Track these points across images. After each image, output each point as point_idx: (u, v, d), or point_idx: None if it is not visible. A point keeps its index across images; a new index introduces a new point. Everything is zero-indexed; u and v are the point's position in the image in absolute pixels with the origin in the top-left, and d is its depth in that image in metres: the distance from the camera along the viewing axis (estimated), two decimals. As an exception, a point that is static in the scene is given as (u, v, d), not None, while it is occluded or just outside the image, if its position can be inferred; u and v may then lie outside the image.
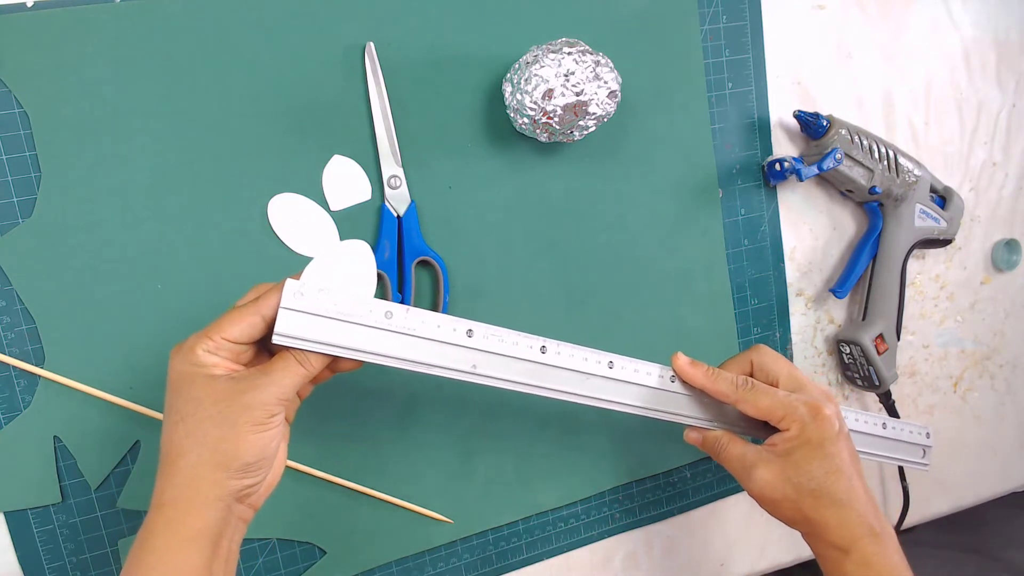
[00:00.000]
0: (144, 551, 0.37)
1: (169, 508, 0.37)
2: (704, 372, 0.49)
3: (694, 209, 0.61)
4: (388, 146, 0.52)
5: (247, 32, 0.49)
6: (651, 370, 0.49)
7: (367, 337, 0.41)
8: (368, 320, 0.40)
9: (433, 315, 0.42)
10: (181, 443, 0.38)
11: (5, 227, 0.46)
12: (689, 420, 0.50)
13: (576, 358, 0.46)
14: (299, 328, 0.39)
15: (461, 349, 0.43)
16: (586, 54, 0.50)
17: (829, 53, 0.65)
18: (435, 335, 0.42)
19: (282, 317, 0.39)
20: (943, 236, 0.66)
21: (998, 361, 0.76)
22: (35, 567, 0.49)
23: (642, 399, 0.49)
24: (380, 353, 0.41)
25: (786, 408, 0.48)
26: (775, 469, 0.47)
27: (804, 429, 0.47)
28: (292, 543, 0.54)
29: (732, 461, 0.49)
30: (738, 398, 0.48)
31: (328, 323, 0.40)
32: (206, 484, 0.37)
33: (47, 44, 0.45)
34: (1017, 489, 0.80)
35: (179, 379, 0.38)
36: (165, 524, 0.37)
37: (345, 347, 0.40)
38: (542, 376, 0.45)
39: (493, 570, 0.59)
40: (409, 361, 0.42)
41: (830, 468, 0.47)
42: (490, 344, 0.44)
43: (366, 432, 0.54)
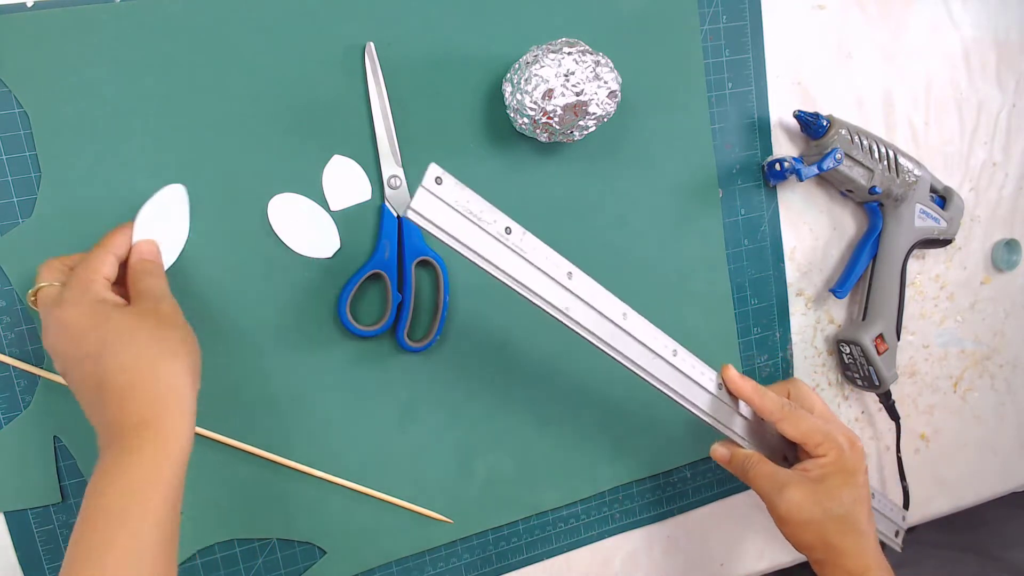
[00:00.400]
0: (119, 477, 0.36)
1: (153, 428, 0.37)
2: (753, 386, 0.51)
3: (694, 209, 0.61)
4: (388, 146, 0.52)
5: (247, 32, 0.49)
6: (706, 371, 0.51)
7: (486, 244, 0.41)
8: (491, 228, 0.41)
9: (543, 246, 0.43)
10: (138, 364, 0.38)
11: (5, 227, 0.46)
12: (727, 431, 0.52)
13: (647, 335, 0.48)
14: (432, 212, 0.40)
15: (561, 288, 0.44)
16: (586, 54, 0.50)
17: (829, 53, 0.65)
18: (542, 265, 0.43)
19: (420, 196, 0.39)
20: (943, 236, 0.67)
21: (998, 361, 0.76)
22: (35, 567, 0.49)
23: (696, 397, 0.50)
24: (495, 263, 0.42)
25: (825, 434, 0.50)
26: (807, 491, 0.49)
27: (841, 456, 0.49)
28: (292, 543, 0.54)
29: (762, 479, 0.50)
30: (782, 416, 0.50)
31: (458, 218, 0.40)
32: (190, 392, 0.39)
33: (47, 44, 0.45)
34: (1017, 489, 0.80)
35: (92, 317, 0.39)
36: (153, 444, 0.36)
37: (467, 246, 0.41)
38: (619, 341, 0.46)
39: (493, 570, 0.59)
40: (517, 281, 0.43)
41: (858, 497, 0.49)
42: (584, 292, 0.45)
43: (366, 432, 0.54)
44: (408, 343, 0.53)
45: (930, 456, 0.74)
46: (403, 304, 0.53)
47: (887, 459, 0.72)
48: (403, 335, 0.53)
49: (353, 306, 0.53)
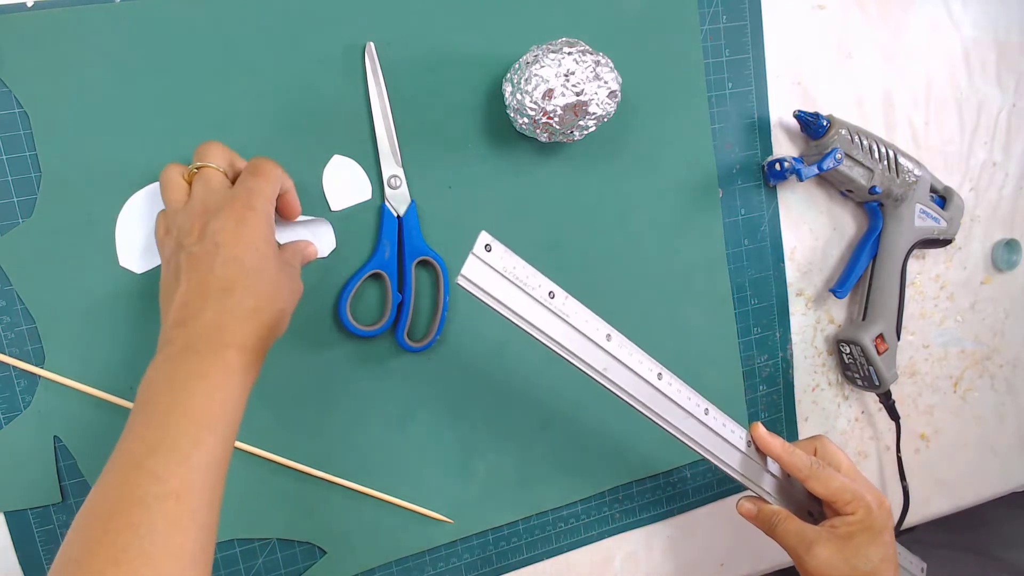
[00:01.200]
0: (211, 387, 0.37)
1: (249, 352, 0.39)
2: (781, 444, 0.52)
3: (694, 209, 0.61)
4: (388, 146, 0.52)
5: (247, 32, 0.49)
6: (736, 429, 0.52)
7: (531, 309, 0.43)
8: (536, 293, 0.43)
9: (583, 309, 0.44)
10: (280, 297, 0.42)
11: (5, 227, 0.46)
12: (757, 488, 0.53)
13: (682, 394, 0.49)
14: (481, 278, 0.41)
15: (599, 350, 0.45)
16: (586, 54, 0.50)
17: (829, 53, 0.65)
18: (582, 328, 0.44)
19: (471, 263, 0.41)
20: (943, 236, 0.67)
21: (998, 361, 0.76)
22: (35, 567, 0.49)
23: (727, 455, 0.51)
24: (540, 328, 0.43)
25: (854, 493, 0.50)
26: (835, 549, 0.50)
27: (870, 515, 0.50)
28: (292, 543, 0.54)
29: (790, 535, 0.51)
30: (810, 474, 0.51)
31: (504, 283, 0.42)
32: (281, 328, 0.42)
33: (47, 44, 0.45)
34: (1017, 489, 0.80)
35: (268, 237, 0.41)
36: (243, 365, 0.39)
37: (514, 311, 0.42)
38: (655, 401, 0.48)
39: (493, 570, 0.59)
40: (560, 344, 0.44)
41: (885, 556, 0.50)
42: (622, 353, 0.46)
43: (366, 432, 0.54)
44: (408, 343, 0.53)
45: (930, 456, 0.74)
46: (403, 304, 0.53)
47: (887, 459, 0.72)
48: (403, 335, 0.53)
49: (353, 306, 0.53)
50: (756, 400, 0.66)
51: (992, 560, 0.80)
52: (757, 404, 0.66)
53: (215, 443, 0.36)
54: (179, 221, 0.42)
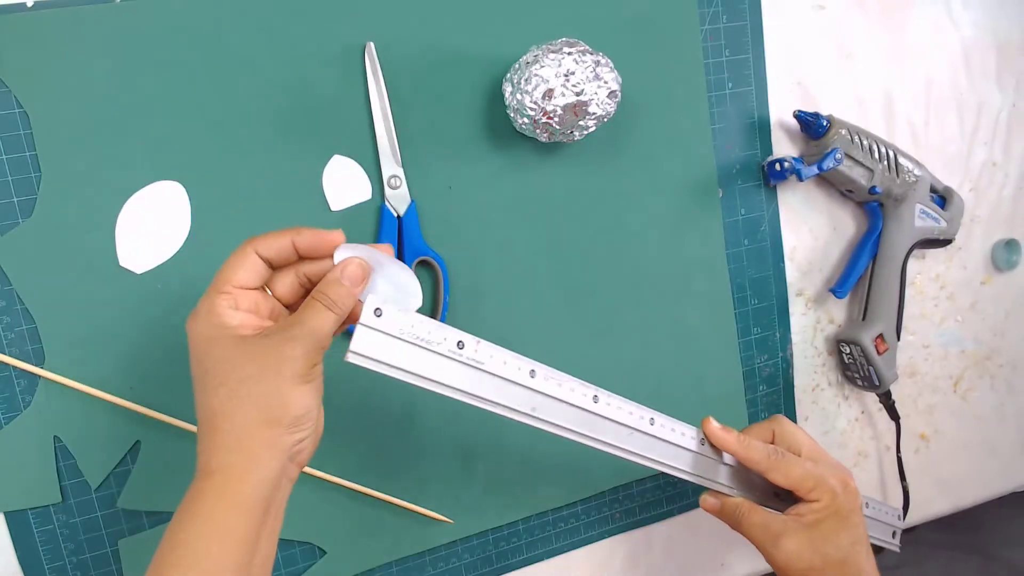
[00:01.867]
0: (190, 519, 0.36)
1: (219, 475, 0.36)
2: (736, 438, 0.50)
3: (694, 209, 0.61)
4: (388, 146, 0.52)
5: (247, 32, 0.49)
6: (686, 431, 0.50)
7: (437, 365, 0.40)
8: (440, 348, 0.39)
9: (500, 351, 0.42)
10: (224, 406, 0.36)
11: (5, 227, 0.46)
12: (714, 485, 0.51)
13: (623, 411, 0.46)
14: (374, 348, 0.38)
15: (524, 390, 0.42)
16: (586, 54, 0.50)
17: (829, 53, 0.65)
18: (501, 372, 0.41)
19: (359, 335, 0.38)
20: (943, 236, 0.66)
21: (998, 361, 0.76)
22: (35, 567, 0.49)
23: (677, 459, 0.49)
24: (449, 384, 0.40)
25: (817, 479, 0.49)
26: (803, 539, 0.48)
27: (834, 500, 0.49)
28: (292, 543, 0.54)
29: (755, 528, 0.50)
30: (769, 466, 0.49)
31: (402, 346, 0.39)
32: (258, 444, 0.36)
33: (47, 44, 0.45)
34: (1017, 489, 0.80)
35: (206, 343, 0.37)
36: (215, 491, 0.36)
37: (416, 373, 0.39)
38: (593, 426, 0.45)
39: (493, 570, 0.59)
40: (475, 396, 0.41)
41: (855, 538, 0.49)
42: (549, 387, 0.43)
43: (366, 432, 0.54)
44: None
45: (930, 456, 0.74)
46: (403, 304, 0.53)
47: (887, 459, 0.72)
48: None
49: (353, 306, 0.53)
50: (756, 400, 0.66)
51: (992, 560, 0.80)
52: (757, 404, 0.66)
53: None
54: None
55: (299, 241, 0.39)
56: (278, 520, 0.38)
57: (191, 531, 0.35)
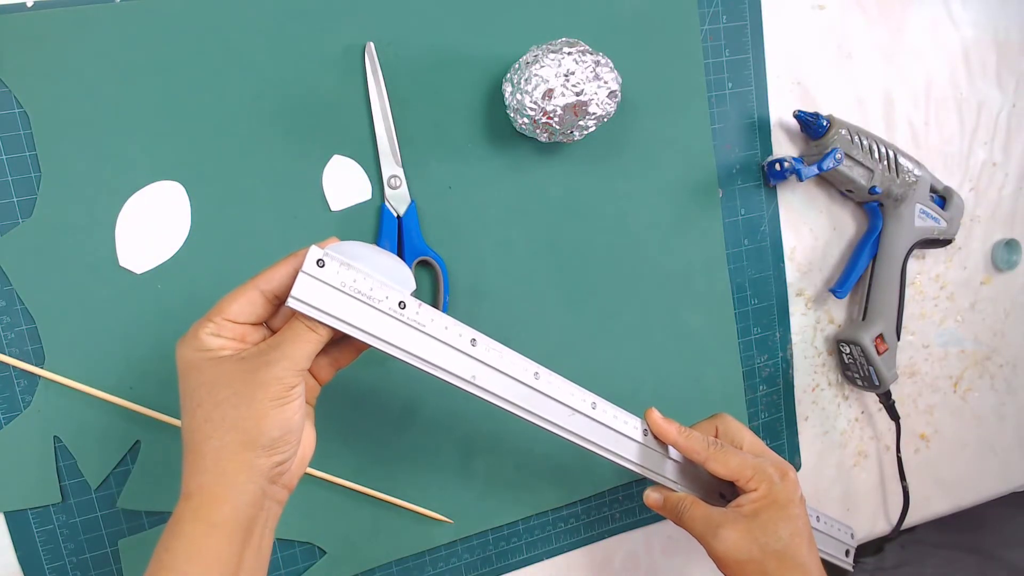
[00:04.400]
0: (171, 540, 0.36)
1: (196, 496, 0.37)
2: (677, 429, 0.50)
3: (694, 209, 0.61)
4: (388, 146, 0.52)
5: (247, 32, 0.49)
6: (629, 420, 0.50)
7: (378, 322, 0.40)
8: (382, 305, 0.40)
9: (442, 316, 0.42)
10: (201, 429, 0.37)
11: (5, 227, 0.46)
12: (659, 478, 0.51)
13: (563, 391, 0.46)
14: (315, 296, 0.38)
15: (464, 357, 0.42)
16: (586, 54, 0.50)
17: (829, 53, 0.65)
18: (441, 336, 0.42)
19: (300, 282, 0.38)
20: (943, 236, 0.66)
21: (998, 361, 0.76)
22: (35, 567, 0.49)
23: (622, 448, 0.49)
24: (387, 340, 0.40)
25: (755, 468, 0.49)
26: (741, 529, 0.48)
27: (772, 489, 0.48)
28: (292, 543, 0.54)
29: (696, 522, 0.49)
30: (708, 456, 0.49)
31: (343, 298, 0.39)
32: (233, 467, 0.37)
33: (47, 44, 0.45)
34: (1017, 489, 0.80)
35: (187, 367, 0.38)
36: (193, 512, 0.36)
37: (356, 326, 0.39)
38: (533, 402, 0.45)
39: (493, 570, 0.59)
40: (414, 356, 0.41)
41: (794, 530, 0.48)
42: (490, 357, 0.43)
43: (366, 432, 0.54)
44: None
45: (930, 456, 0.74)
46: (403, 304, 0.53)
47: (887, 459, 0.72)
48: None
49: (353, 306, 0.53)
50: (756, 400, 0.66)
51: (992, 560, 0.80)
52: (757, 404, 0.66)
53: None
54: None
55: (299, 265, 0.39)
56: (265, 539, 0.38)
57: (173, 552, 0.36)
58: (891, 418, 0.69)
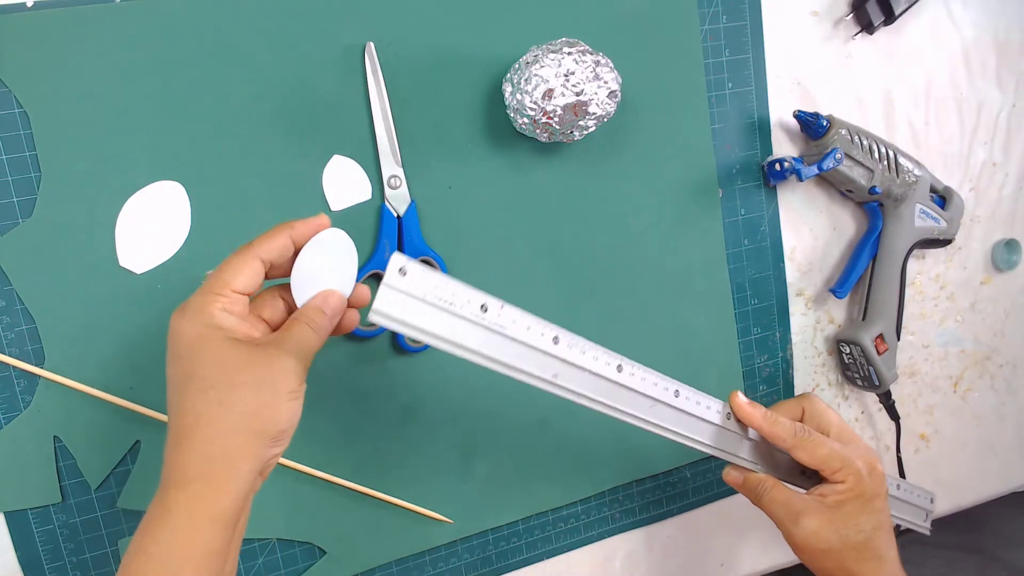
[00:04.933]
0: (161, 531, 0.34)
1: (197, 483, 0.35)
2: (763, 414, 0.49)
3: (694, 209, 0.61)
4: (388, 146, 0.52)
5: (247, 32, 0.49)
6: (711, 404, 0.49)
7: (460, 329, 0.38)
8: (464, 311, 0.38)
9: (524, 315, 0.40)
10: (211, 412, 0.35)
11: (5, 227, 0.46)
12: (736, 459, 0.50)
13: (647, 382, 0.45)
14: (398, 308, 0.36)
15: (546, 356, 0.41)
16: (586, 54, 0.50)
17: (829, 53, 0.65)
18: (523, 337, 0.40)
19: (383, 295, 0.36)
20: (943, 236, 0.67)
21: (998, 361, 0.76)
22: (35, 567, 0.49)
23: (699, 432, 0.49)
24: (470, 348, 0.39)
25: (843, 460, 0.48)
26: (823, 519, 0.48)
27: (860, 482, 0.48)
28: (292, 543, 0.54)
29: (777, 506, 0.49)
30: (795, 444, 0.49)
31: (425, 308, 0.37)
32: (242, 455, 0.35)
33: (47, 44, 0.45)
34: (1017, 489, 0.80)
35: (195, 342, 0.35)
36: (190, 501, 0.34)
37: (439, 336, 0.38)
38: (615, 396, 0.44)
39: (493, 570, 0.59)
40: (496, 361, 0.40)
41: (877, 523, 0.48)
42: (573, 355, 0.42)
43: (366, 432, 0.54)
44: (408, 343, 0.53)
45: (930, 456, 0.74)
46: (403, 304, 0.53)
47: (887, 459, 0.72)
48: (403, 335, 0.53)
49: (353, 306, 0.53)
50: (756, 400, 0.66)
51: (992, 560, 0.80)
52: (757, 404, 0.66)
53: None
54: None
55: (295, 235, 0.38)
56: (242, 534, 0.38)
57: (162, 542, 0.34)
58: (891, 418, 0.69)
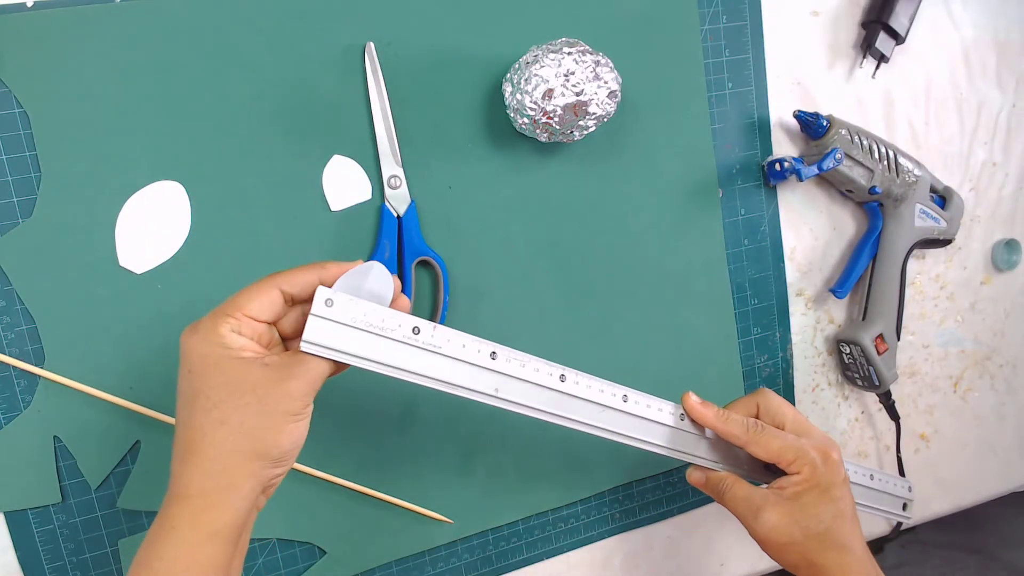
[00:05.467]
0: (165, 547, 0.35)
1: (198, 499, 0.35)
2: (715, 413, 0.50)
3: (694, 209, 0.61)
4: (388, 146, 0.52)
5: (247, 32, 0.49)
6: (663, 407, 0.49)
7: (394, 351, 0.40)
8: (395, 334, 0.40)
9: (459, 334, 0.41)
10: (214, 431, 0.35)
11: (5, 227, 0.46)
12: (695, 459, 0.51)
13: (593, 389, 0.46)
14: (327, 337, 0.38)
15: (485, 371, 0.42)
16: (586, 54, 0.50)
17: (829, 53, 0.65)
18: (460, 355, 0.41)
19: (311, 325, 0.37)
20: (943, 236, 0.66)
21: (998, 361, 0.76)
22: (35, 567, 0.49)
23: (653, 435, 0.49)
24: (406, 368, 0.40)
25: (797, 451, 0.48)
26: (783, 512, 0.48)
27: (815, 472, 0.48)
28: (292, 543, 0.54)
29: (738, 502, 0.49)
30: (749, 440, 0.49)
31: (356, 334, 0.39)
32: (242, 474, 0.36)
33: (47, 44, 0.45)
34: (1017, 489, 0.80)
35: (203, 361, 0.36)
36: (192, 517, 0.35)
37: (371, 359, 0.39)
38: (561, 405, 0.45)
39: (493, 570, 0.59)
40: (434, 379, 0.41)
41: (837, 512, 0.48)
42: (512, 368, 0.43)
43: (366, 432, 0.54)
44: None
45: (930, 456, 0.74)
46: (403, 304, 0.53)
47: (887, 459, 0.72)
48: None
49: (353, 306, 0.53)
50: (756, 400, 0.66)
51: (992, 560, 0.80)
52: (757, 404, 0.66)
53: None
54: None
55: (324, 275, 0.39)
56: (245, 549, 0.38)
57: (169, 560, 0.35)
58: (891, 418, 0.69)
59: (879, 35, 0.63)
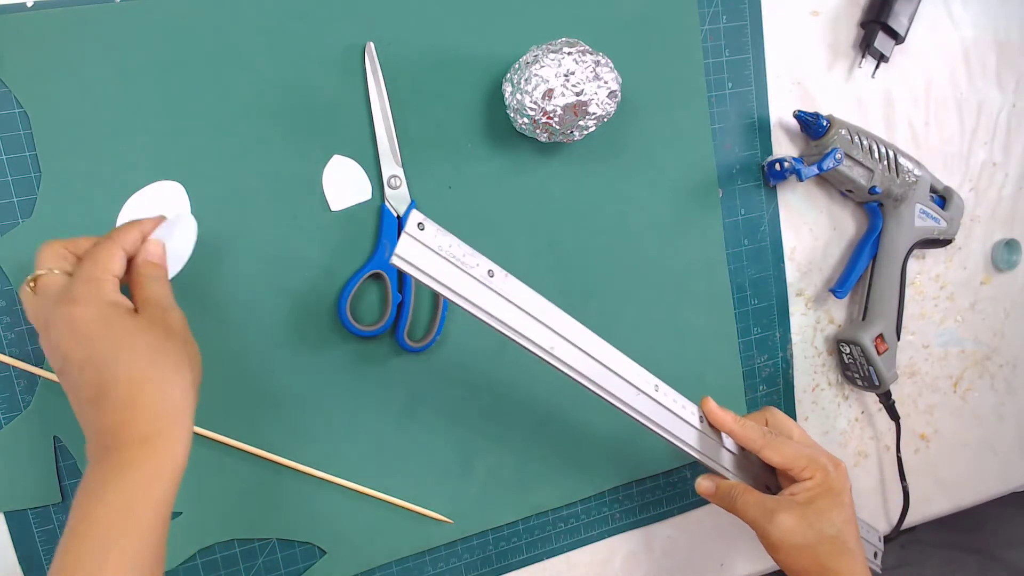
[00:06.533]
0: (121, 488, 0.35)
1: (159, 439, 0.36)
2: (733, 418, 0.52)
3: (694, 209, 0.61)
4: (388, 146, 0.52)
5: (247, 32, 0.49)
6: (687, 405, 0.51)
7: (470, 286, 0.42)
8: (474, 272, 0.42)
9: (526, 289, 0.44)
10: (147, 374, 0.37)
11: (5, 227, 0.46)
12: (717, 467, 0.52)
13: (631, 370, 0.48)
14: (416, 257, 0.40)
15: (545, 328, 0.44)
16: (586, 54, 0.50)
17: (829, 53, 0.65)
18: (524, 306, 0.43)
19: (404, 242, 0.40)
20: (943, 236, 0.67)
21: (998, 361, 0.76)
22: (35, 567, 0.49)
23: (681, 432, 0.51)
24: (479, 305, 0.42)
25: (809, 458, 0.50)
26: (797, 515, 0.49)
27: (827, 477, 0.50)
28: (292, 543, 0.54)
29: (750, 507, 0.50)
30: (764, 444, 0.51)
31: (440, 261, 0.41)
32: (187, 405, 0.38)
33: (47, 44, 0.45)
34: (1017, 489, 0.80)
35: (101, 324, 0.37)
36: (155, 456, 0.36)
37: (450, 288, 0.41)
38: (604, 378, 0.47)
39: (493, 570, 0.59)
40: (501, 321, 0.43)
41: (846, 518, 0.50)
42: (568, 332, 0.45)
43: (366, 432, 0.54)
44: (408, 343, 0.53)
45: (930, 456, 0.74)
46: (403, 304, 0.53)
47: (887, 459, 0.72)
48: (403, 335, 0.53)
49: (353, 306, 0.53)
50: (756, 400, 0.66)
51: (992, 560, 0.80)
52: (757, 404, 0.66)
53: (122, 554, 0.34)
54: (42, 344, 0.40)
55: (144, 229, 0.43)
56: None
57: (115, 506, 0.35)
58: (891, 418, 0.69)
59: (878, 35, 0.63)
